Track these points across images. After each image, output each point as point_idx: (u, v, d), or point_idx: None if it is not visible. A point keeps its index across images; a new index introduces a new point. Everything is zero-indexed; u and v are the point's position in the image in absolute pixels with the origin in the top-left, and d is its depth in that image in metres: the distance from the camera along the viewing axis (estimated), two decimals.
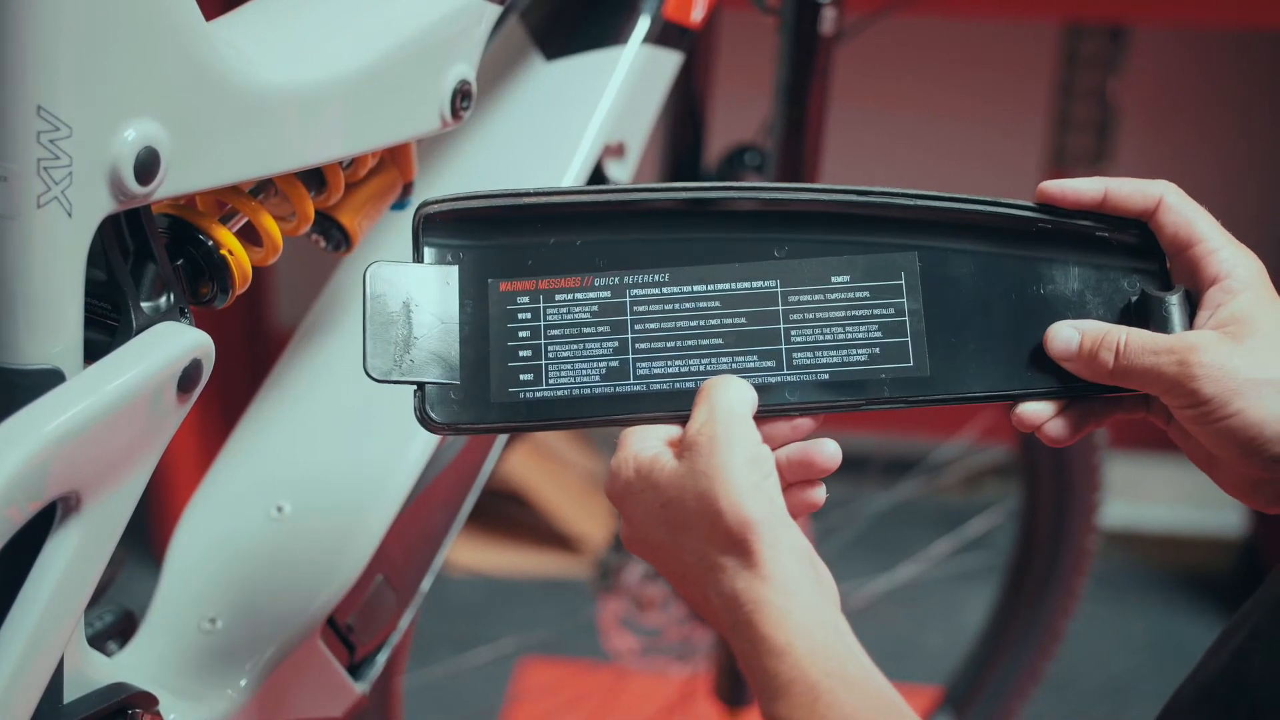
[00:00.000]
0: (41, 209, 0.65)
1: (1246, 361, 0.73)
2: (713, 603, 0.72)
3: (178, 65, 0.69)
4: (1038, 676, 1.80)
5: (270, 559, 0.92)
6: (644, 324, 0.78)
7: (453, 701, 2.08)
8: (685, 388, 0.77)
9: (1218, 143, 2.42)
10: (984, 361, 0.79)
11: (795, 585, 0.70)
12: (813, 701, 0.67)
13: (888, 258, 0.79)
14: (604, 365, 0.77)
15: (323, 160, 0.81)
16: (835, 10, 1.22)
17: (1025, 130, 2.38)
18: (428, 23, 0.84)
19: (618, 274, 0.78)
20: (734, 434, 0.72)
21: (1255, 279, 0.76)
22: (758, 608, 0.69)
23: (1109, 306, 0.79)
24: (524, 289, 0.78)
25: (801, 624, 0.69)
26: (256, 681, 0.89)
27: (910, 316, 0.78)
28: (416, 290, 0.76)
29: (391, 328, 0.75)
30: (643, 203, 0.79)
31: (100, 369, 0.69)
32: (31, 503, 0.65)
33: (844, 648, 0.69)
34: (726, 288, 0.78)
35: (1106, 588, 2.26)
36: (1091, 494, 1.69)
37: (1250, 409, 0.72)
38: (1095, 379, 0.77)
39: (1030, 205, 0.80)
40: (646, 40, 1.05)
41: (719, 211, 0.79)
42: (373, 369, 0.75)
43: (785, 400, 0.77)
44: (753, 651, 0.69)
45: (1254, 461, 0.73)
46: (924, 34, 2.31)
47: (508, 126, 1.03)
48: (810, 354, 0.78)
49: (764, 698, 0.69)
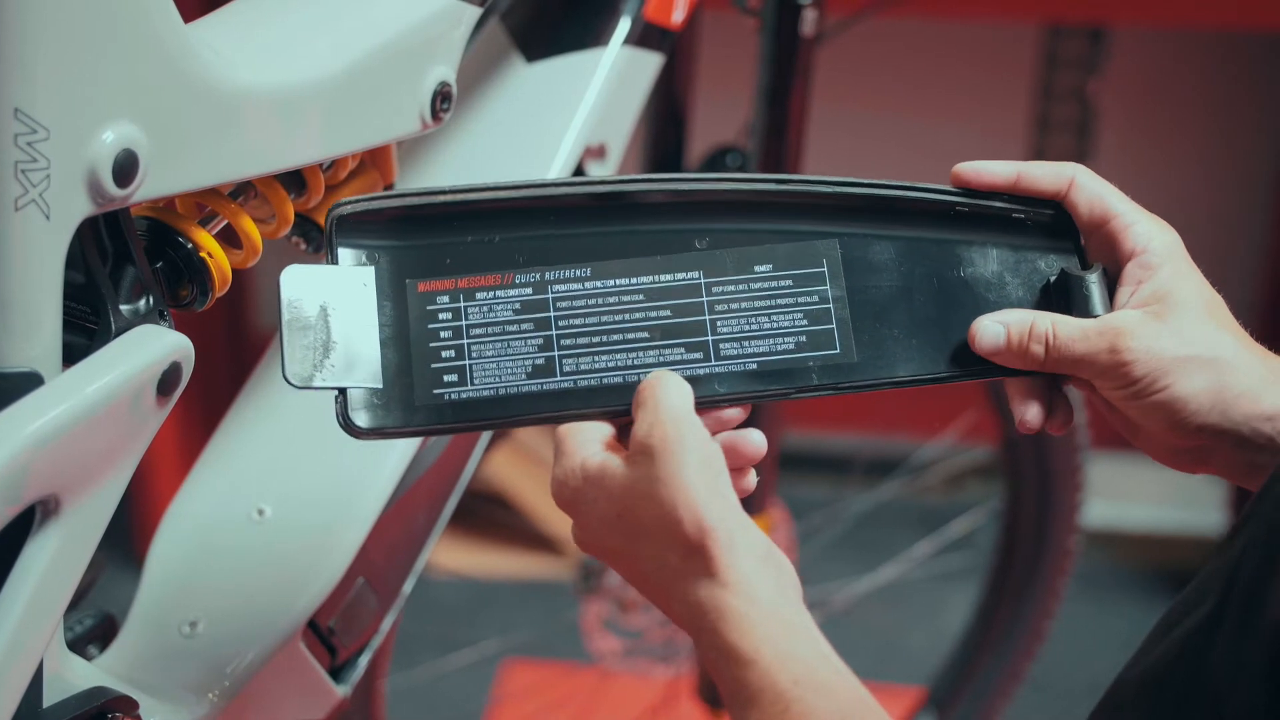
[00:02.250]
0: (19, 212, 0.64)
1: (1173, 340, 0.75)
2: (675, 609, 0.71)
3: (156, 67, 0.69)
4: (1020, 676, 1.80)
5: (251, 562, 0.92)
6: (568, 320, 0.77)
7: (436, 703, 2.08)
8: (613, 382, 0.76)
9: (1198, 143, 2.43)
10: (910, 345, 0.79)
11: (758, 589, 0.69)
12: (783, 711, 0.66)
13: (809, 245, 0.79)
14: (529, 363, 0.76)
15: (302, 162, 0.81)
16: (816, 11, 1.23)
17: (1005, 131, 2.39)
18: (407, 25, 0.84)
19: (538, 270, 0.77)
20: (684, 436, 0.71)
21: (1172, 249, 0.77)
22: (721, 616, 0.69)
23: (1028, 287, 0.80)
24: (443, 288, 0.76)
25: (766, 630, 0.68)
26: (238, 685, 0.89)
27: (834, 303, 0.78)
28: (333, 294, 0.74)
29: (309, 332, 0.73)
30: (560, 198, 0.78)
31: (79, 372, 0.69)
32: (9, 506, 0.65)
33: (812, 651, 0.68)
34: (649, 280, 0.78)
35: (1088, 587, 2.27)
36: (1073, 494, 1.70)
37: (1177, 385, 0.74)
38: (1027, 369, 0.78)
39: (947, 189, 0.81)
40: (627, 42, 1.05)
41: (638, 204, 0.78)
42: (291, 375, 0.73)
43: (715, 392, 0.77)
44: (720, 660, 0.69)
45: (1180, 432, 0.75)
46: (904, 35, 2.32)
47: (488, 128, 1.03)
48: (737, 344, 0.77)
49: (735, 705, 0.68)
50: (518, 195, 0.77)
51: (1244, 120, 2.43)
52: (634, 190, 0.78)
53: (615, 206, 0.78)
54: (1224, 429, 0.74)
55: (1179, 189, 2.44)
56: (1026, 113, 2.36)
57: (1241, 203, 2.44)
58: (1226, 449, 0.75)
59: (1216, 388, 0.74)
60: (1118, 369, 0.75)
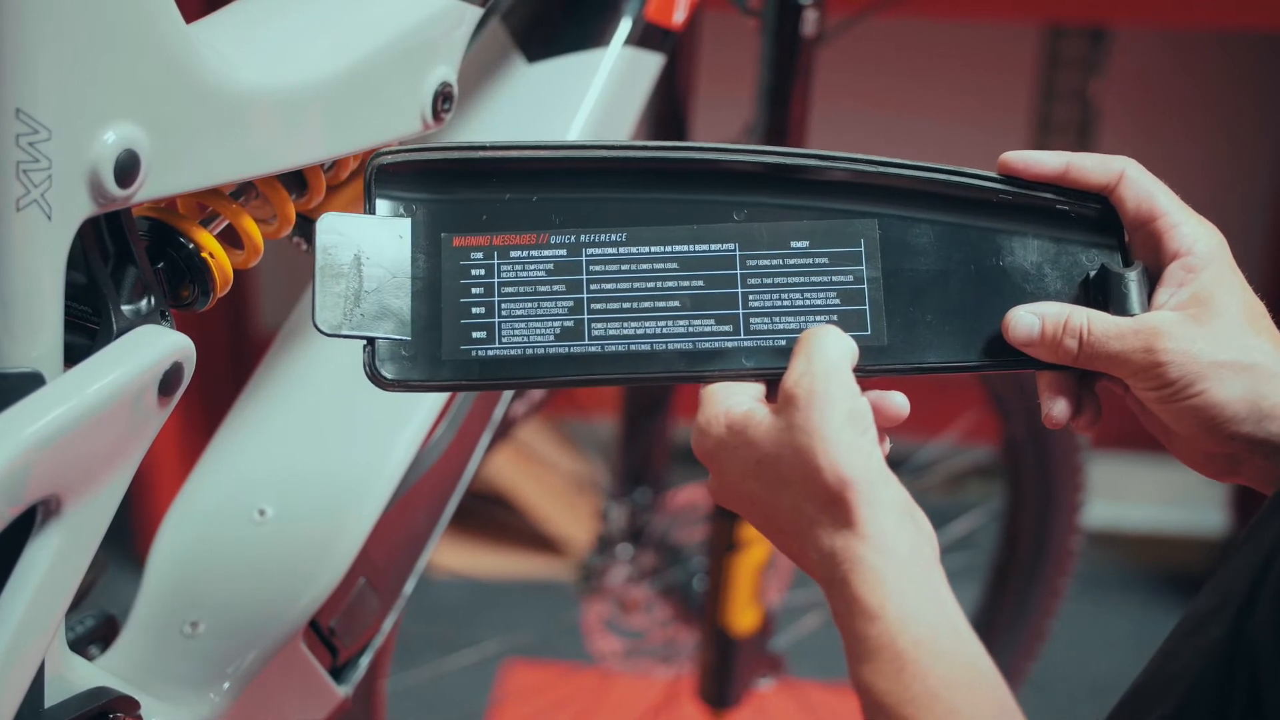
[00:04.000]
0: (20, 212, 0.64)
1: (1210, 344, 0.73)
2: (810, 558, 0.71)
3: (158, 68, 0.69)
4: (1021, 676, 1.80)
5: (253, 562, 0.92)
6: (600, 284, 0.76)
7: (437, 704, 2.08)
8: (640, 349, 0.76)
9: (1199, 143, 2.43)
10: (942, 332, 0.78)
11: (893, 544, 0.69)
12: (898, 671, 0.66)
13: (848, 224, 0.78)
14: (558, 325, 0.76)
15: (304, 163, 0.81)
16: (817, 12, 1.23)
17: (1007, 131, 2.39)
18: (408, 25, 0.84)
19: (574, 232, 0.77)
20: (832, 388, 0.70)
21: (1216, 253, 0.76)
22: (853, 567, 0.69)
23: (1067, 281, 0.79)
24: (478, 244, 0.76)
25: (896, 587, 0.68)
26: (239, 685, 0.89)
27: (869, 284, 0.78)
28: (368, 243, 0.74)
29: (341, 280, 0.73)
30: (601, 160, 0.77)
31: (81, 372, 0.69)
32: (11, 506, 0.65)
33: (939, 613, 0.68)
34: (685, 249, 0.77)
35: (1090, 588, 2.27)
36: (1074, 494, 1.70)
37: (1212, 390, 0.73)
38: (1059, 363, 0.77)
39: (992, 176, 0.79)
40: (628, 42, 1.05)
41: (678, 172, 0.78)
42: (321, 322, 0.73)
43: (741, 365, 0.76)
44: (846, 611, 0.69)
45: (1213, 438, 0.74)
46: (905, 35, 2.32)
47: (490, 128, 1.03)
48: (768, 319, 0.77)
49: (853, 658, 0.68)
50: (558, 156, 0.77)
51: (1245, 121, 2.43)
52: (675, 158, 0.78)
53: (654, 173, 0.78)
54: (1258, 438, 0.73)
55: (1180, 189, 2.42)
56: (1028, 113, 2.36)
57: (1243, 203, 2.44)
58: (1260, 459, 0.74)
59: (1253, 396, 0.73)
60: (1152, 370, 0.74)
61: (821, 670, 2.03)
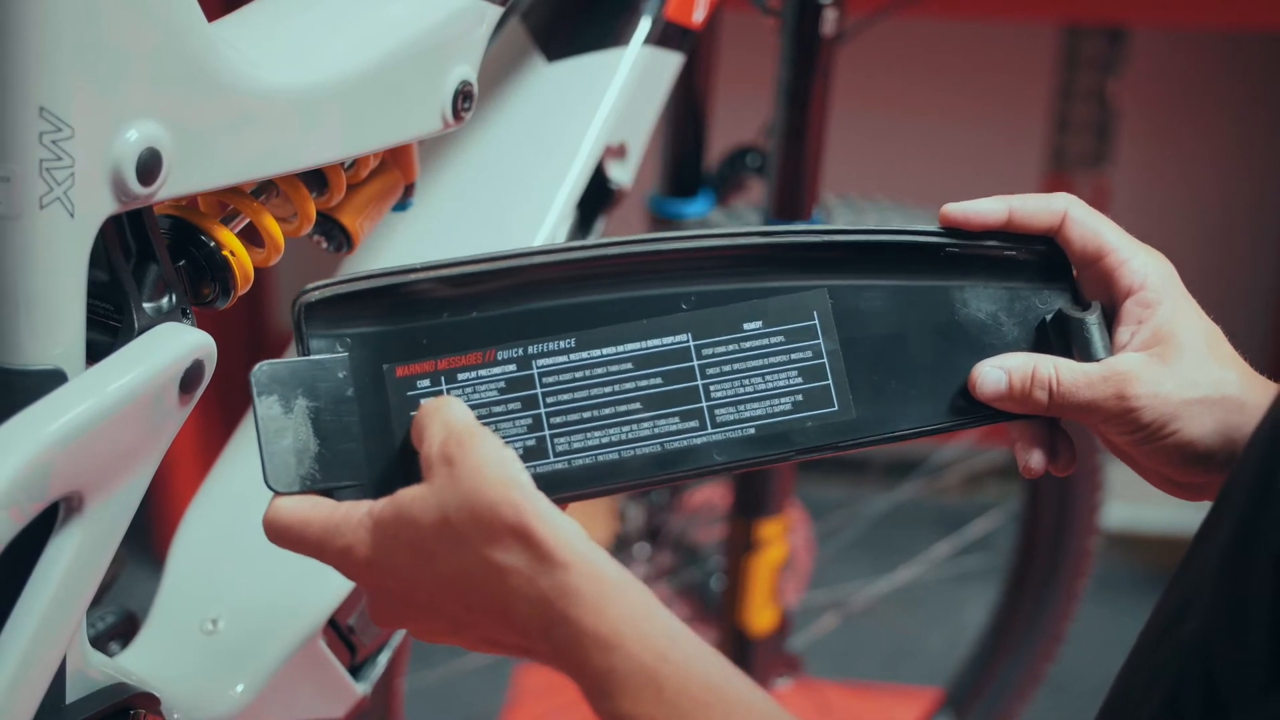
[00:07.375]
0: (44, 210, 0.65)
1: (1178, 383, 0.73)
2: (519, 616, 0.66)
3: (180, 66, 0.69)
4: (1038, 678, 1.80)
5: (272, 560, 0.92)
6: (556, 395, 0.73)
7: (453, 703, 2.08)
8: (608, 459, 0.73)
9: (1217, 144, 2.42)
10: (909, 396, 0.76)
11: (599, 566, 0.65)
12: (657, 692, 0.63)
13: (798, 298, 0.76)
14: (520, 445, 0.72)
15: (324, 161, 0.81)
16: (836, 11, 1.23)
17: (1025, 131, 2.38)
18: (429, 24, 0.84)
19: (519, 345, 0.73)
20: (477, 435, 0.66)
21: (1168, 284, 0.76)
22: (570, 601, 0.64)
23: (1024, 327, 0.78)
24: (423, 371, 0.72)
25: (622, 608, 0.64)
26: (258, 682, 0.89)
27: (829, 358, 0.76)
28: (309, 387, 0.70)
29: (287, 434, 0.69)
30: (535, 266, 0.73)
31: (102, 369, 0.69)
32: (33, 503, 0.65)
33: (667, 622, 0.65)
34: (637, 347, 0.74)
35: (1107, 589, 2.26)
36: (1092, 496, 1.69)
37: (1186, 429, 0.73)
38: (1030, 413, 0.76)
39: (936, 231, 0.78)
40: (648, 41, 1.05)
41: (617, 268, 0.74)
42: (274, 482, 0.69)
43: (714, 461, 0.74)
44: (577, 649, 0.64)
45: (1185, 471, 0.74)
46: (924, 35, 2.32)
47: (509, 128, 1.03)
48: (734, 409, 0.74)
49: (601, 696, 0.64)
50: (489, 269, 0.73)
51: (1263, 121, 2.42)
52: (611, 254, 0.74)
53: (593, 273, 0.74)
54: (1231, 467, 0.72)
55: (1198, 189, 2.43)
56: (1046, 113, 2.35)
57: (1261, 203, 2.44)
58: None
59: (1224, 429, 0.73)
60: (1125, 415, 0.73)
61: (839, 670, 2.03)
